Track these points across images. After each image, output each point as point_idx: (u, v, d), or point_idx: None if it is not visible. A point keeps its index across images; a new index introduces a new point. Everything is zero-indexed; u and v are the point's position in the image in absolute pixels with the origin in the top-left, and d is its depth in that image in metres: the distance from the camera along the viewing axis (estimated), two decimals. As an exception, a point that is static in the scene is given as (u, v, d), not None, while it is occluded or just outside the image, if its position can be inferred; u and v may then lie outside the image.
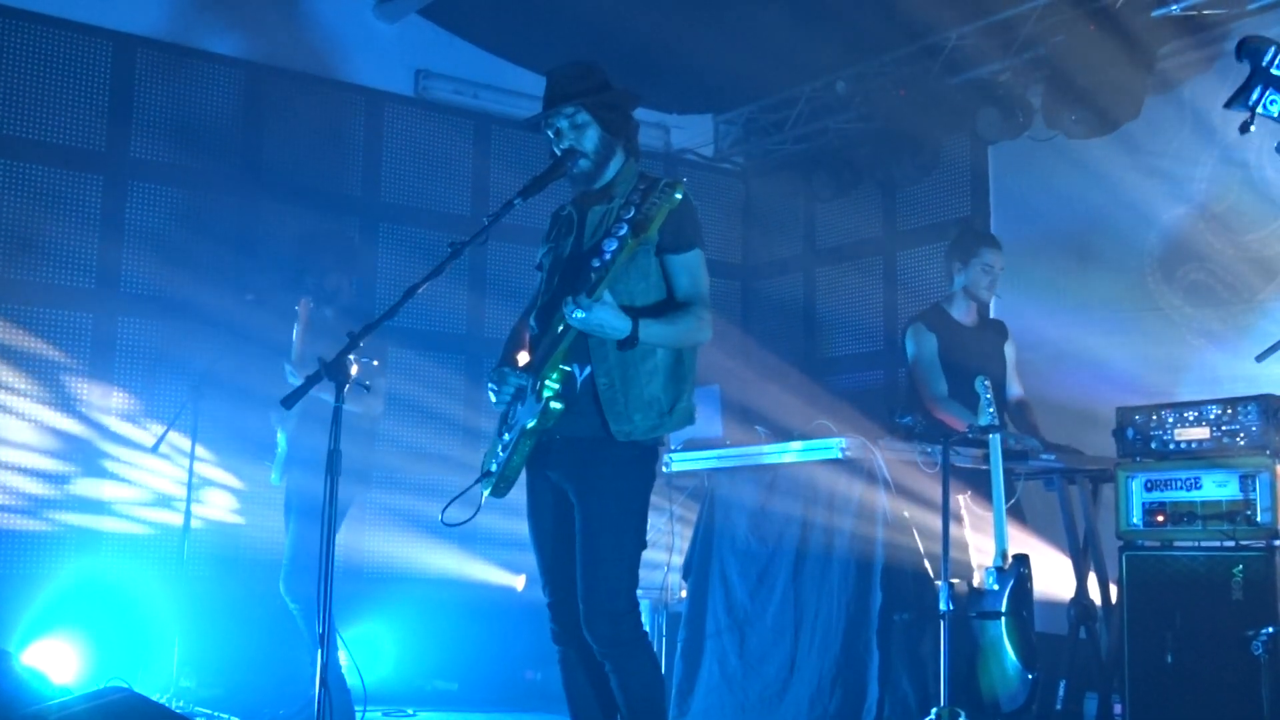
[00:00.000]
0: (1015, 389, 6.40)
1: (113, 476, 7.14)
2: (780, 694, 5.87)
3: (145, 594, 6.84)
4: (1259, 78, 2.86)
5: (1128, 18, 7.04)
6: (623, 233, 3.80)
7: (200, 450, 6.54)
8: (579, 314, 3.71)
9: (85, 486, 7.07)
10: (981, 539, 5.80)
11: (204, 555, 6.62)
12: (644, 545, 4.03)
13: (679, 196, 3.74)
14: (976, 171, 8.45)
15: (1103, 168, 7.48)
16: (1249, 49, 2.88)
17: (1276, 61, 2.84)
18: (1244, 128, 2.93)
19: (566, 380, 3.88)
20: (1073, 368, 7.11)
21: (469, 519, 3.98)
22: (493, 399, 4.09)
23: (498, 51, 8.62)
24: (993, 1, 7.56)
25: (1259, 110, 2.86)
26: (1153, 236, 7.38)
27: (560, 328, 3.86)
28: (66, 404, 7.08)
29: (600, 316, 3.72)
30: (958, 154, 8.53)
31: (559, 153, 4.08)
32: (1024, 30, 7.50)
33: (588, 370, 3.94)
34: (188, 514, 6.43)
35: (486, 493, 4.04)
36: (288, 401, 4.04)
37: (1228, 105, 2.91)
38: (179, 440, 6.58)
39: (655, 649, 6.70)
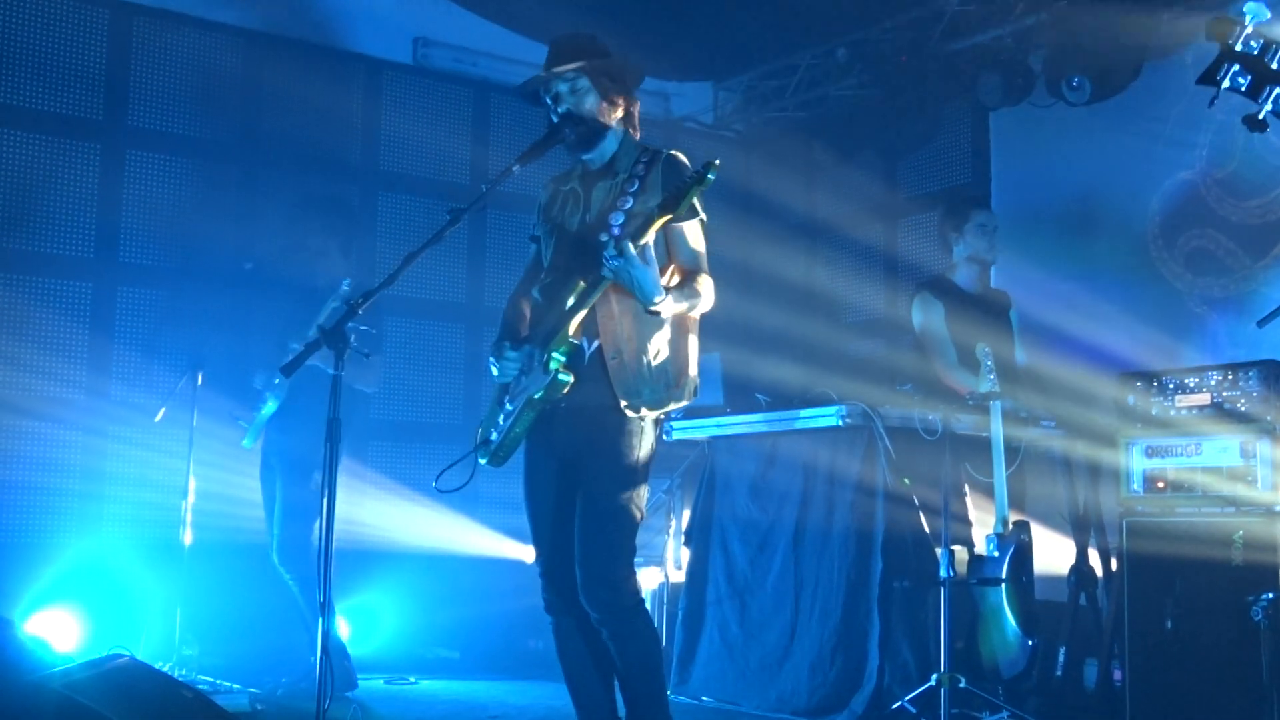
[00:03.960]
0: (1020, 356, 6.39)
1: (113, 445, 7.13)
2: (781, 661, 5.89)
3: (147, 562, 6.86)
4: (1226, 56, 3.01)
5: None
6: (629, 206, 3.90)
7: (201, 419, 6.54)
8: (619, 263, 3.70)
9: (86, 456, 7.07)
10: (982, 505, 5.81)
11: (205, 524, 6.61)
12: (644, 515, 4.06)
13: (712, 178, 3.72)
14: (977, 138, 8.43)
15: (1104, 134, 7.46)
16: (1217, 29, 3.02)
17: (1242, 39, 2.96)
18: (1211, 103, 3.11)
19: (574, 353, 3.89)
20: (1074, 335, 7.09)
21: (462, 485, 4.00)
22: (494, 372, 4.10)
23: (497, 19, 8.57)
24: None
25: (1225, 84, 3.00)
26: (1154, 203, 7.35)
27: (571, 301, 3.87)
28: (67, 374, 7.07)
29: (640, 274, 3.72)
30: (959, 121, 8.49)
31: (556, 119, 4.08)
32: (1025, -5, 7.47)
33: (595, 344, 3.95)
34: (188, 482, 6.43)
35: (484, 461, 4.06)
36: (287, 369, 4.05)
37: (1199, 82, 3.07)
38: (180, 409, 6.57)
39: (656, 617, 6.78)
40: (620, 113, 4.16)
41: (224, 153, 7.64)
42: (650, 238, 3.74)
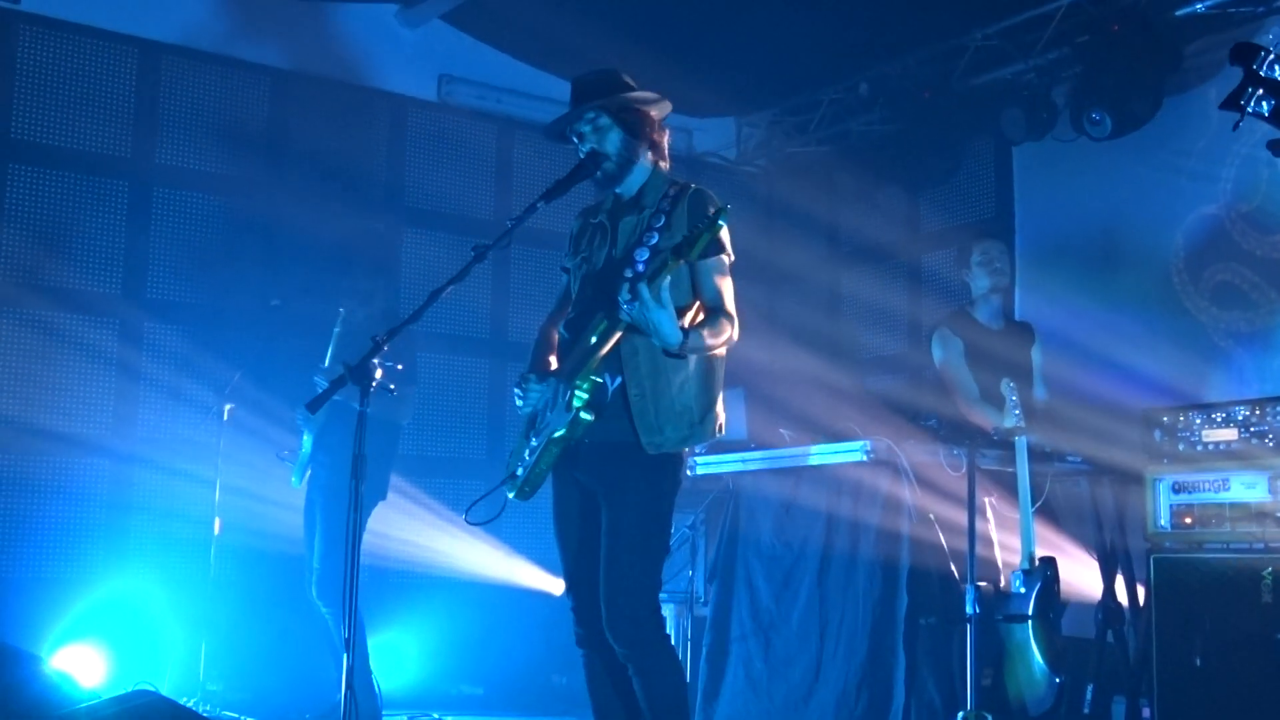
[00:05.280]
0: (1041, 392, 6.36)
1: (139, 481, 7.16)
2: (806, 698, 5.85)
3: (172, 597, 6.87)
4: (1249, 80, 2.98)
5: (1153, 16, 7.01)
6: (654, 242, 3.91)
7: (227, 454, 6.57)
8: (634, 307, 3.70)
9: (112, 491, 7.10)
10: (1008, 541, 5.78)
11: (231, 559, 6.63)
12: (668, 550, 4.05)
13: (723, 223, 3.74)
14: (1001, 172, 8.41)
15: (1128, 168, 7.45)
16: (1240, 53, 2.98)
17: (1266, 64, 2.94)
18: (1235, 126, 3.07)
19: (597, 390, 3.89)
20: (1099, 370, 7.06)
21: (491, 519, 4.02)
22: (519, 404, 4.11)
23: (520, 56, 8.63)
24: (1017, 1, 7.52)
25: (1249, 109, 2.97)
26: (1179, 237, 7.33)
27: (594, 338, 3.87)
28: (93, 409, 7.11)
29: (657, 317, 3.72)
30: (982, 155, 8.49)
31: (583, 156, 4.11)
32: (1048, 30, 7.47)
33: (619, 380, 3.95)
34: (214, 518, 6.45)
35: (511, 495, 4.06)
36: (313, 406, 4.07)
37: (1222, 107, 3.05)
38: (206, 444, 6.61)
39: (680, 653, 6.75)
40: (646, 145, 4.16)
41: (251, 189, 7.68)
42: (665, 280, 3.74)
